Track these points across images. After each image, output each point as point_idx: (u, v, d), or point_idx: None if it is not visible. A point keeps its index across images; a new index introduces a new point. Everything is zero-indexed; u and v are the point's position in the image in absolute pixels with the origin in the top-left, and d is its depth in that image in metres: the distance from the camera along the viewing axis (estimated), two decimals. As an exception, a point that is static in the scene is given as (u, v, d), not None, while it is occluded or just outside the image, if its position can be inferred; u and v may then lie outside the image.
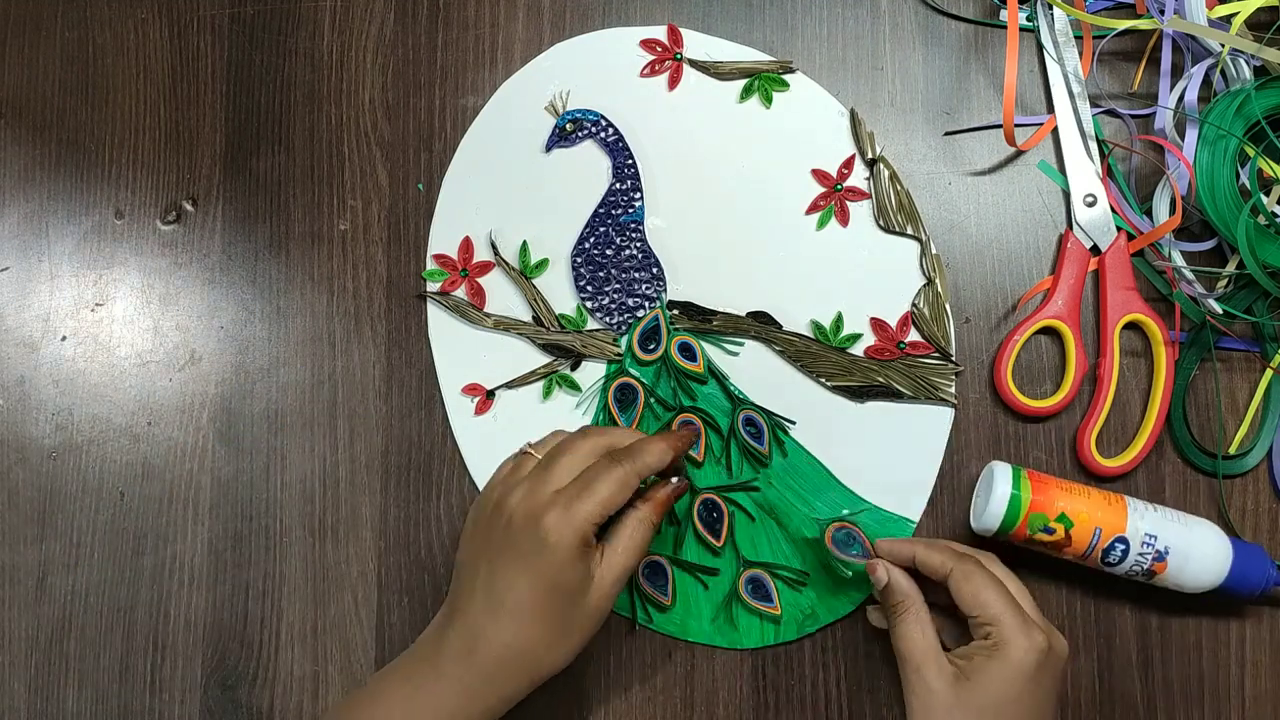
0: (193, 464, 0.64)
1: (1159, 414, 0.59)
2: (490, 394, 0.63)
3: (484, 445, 0.62)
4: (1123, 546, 0.55)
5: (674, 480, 0.54)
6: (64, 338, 0.65)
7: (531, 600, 0.50)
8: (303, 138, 0.65)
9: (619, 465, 0.51)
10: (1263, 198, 0.58)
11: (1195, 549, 0.54)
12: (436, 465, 0.62)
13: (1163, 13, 0.60)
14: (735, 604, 0.60)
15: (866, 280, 0.62)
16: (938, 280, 0.61)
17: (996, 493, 0.55)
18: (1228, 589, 0.55)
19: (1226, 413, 0.60)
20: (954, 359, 0.61)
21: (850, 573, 0.56)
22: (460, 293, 0.63)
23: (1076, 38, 0.62)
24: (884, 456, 0.60)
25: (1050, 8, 0.62)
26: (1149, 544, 0.54)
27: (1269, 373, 0.60)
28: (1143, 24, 0.61)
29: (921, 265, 0.61)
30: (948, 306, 0.61)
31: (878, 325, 0.61)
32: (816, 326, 0.61)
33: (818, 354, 0.61)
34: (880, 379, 0.61)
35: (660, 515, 0.53)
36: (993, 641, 0.50)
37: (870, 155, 0.62)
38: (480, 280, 0.63)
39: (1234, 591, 0.55)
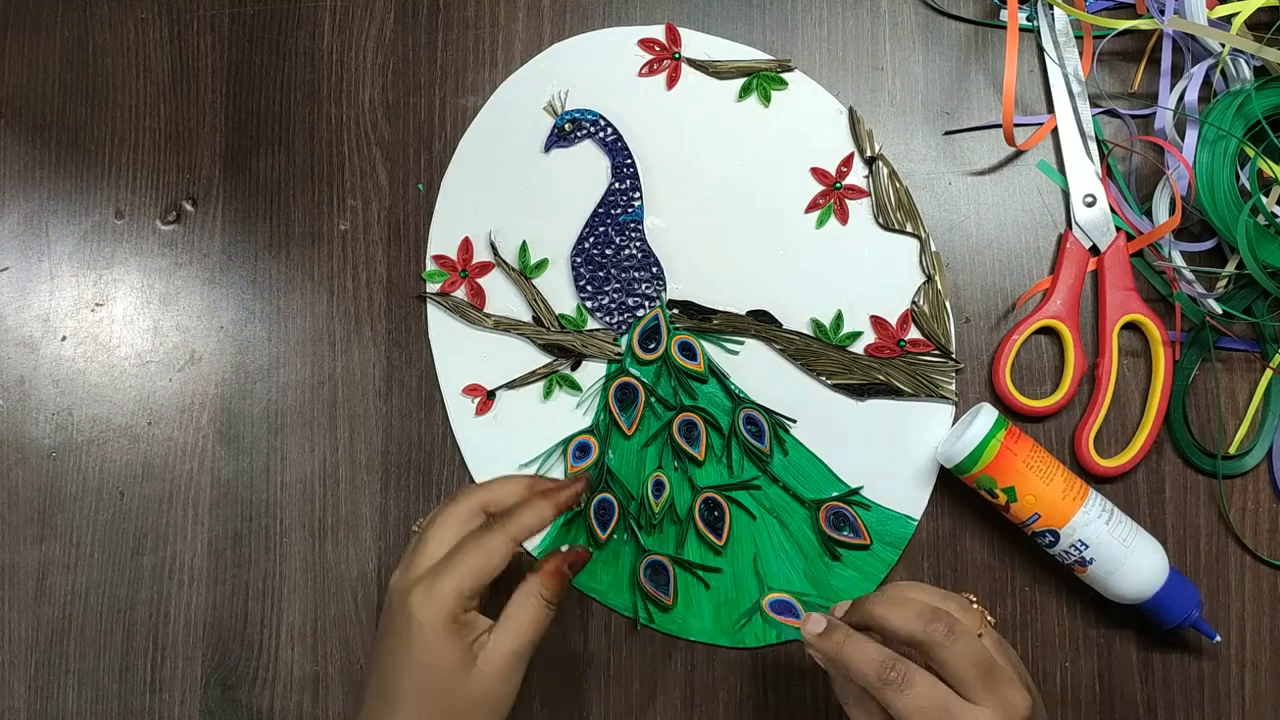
0: (193, 464, 0.64)
1: (1157, 414, 0.59)
2: (491, 394, 0.63)
3: (485, 446, 0.62)
4: (1052, 537, 0.56)
5: (564, 548, 0.51)
6: (64, 338, 0.65)
7: (410, 687, 0.47)
8: (303, 138, 0.65)
9: (490, 532, 0.48)
10: (1263, 198, 0.58)
11: (1123, 568, 0.55)
12: (436, 465, 0.62)
13: (1163, 13, 0.60)
14: (757, 617, 0.60)
15: (866, 278, 0.62)
16: (937, 277, 0.61)
17: (967, 436, 0.56)
18: (1146, 611, 0.56)
19: (1226, 413, 0.60)
20: (954, 356, 0.61)
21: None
22: (460, 293, 0.63)
23: (1076, 38, 0.62)
24: (885, 454, 0.60)
25: (1050, 8, 0.62)
26: (1077, 548, 0.56)
27: (1269, 373, 0.60)
28: (1143, 24, 0.61)
29: (921, 263, 0.61)
30: (947, 304, 0.61)
31: (878, 323, 0.61)
32: (817, 325, 0.62)
33: (818, 352, 0.61)
34: (880, 377, 0.61)
35: (554, 588, 0.49)
36: None
37: (869, 153, 0.62)
38: (480, 281, 0.63)
39: (1151, 616, 0.56)
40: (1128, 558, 0.55)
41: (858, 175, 0.62)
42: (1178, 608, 0.56)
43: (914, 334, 0.61)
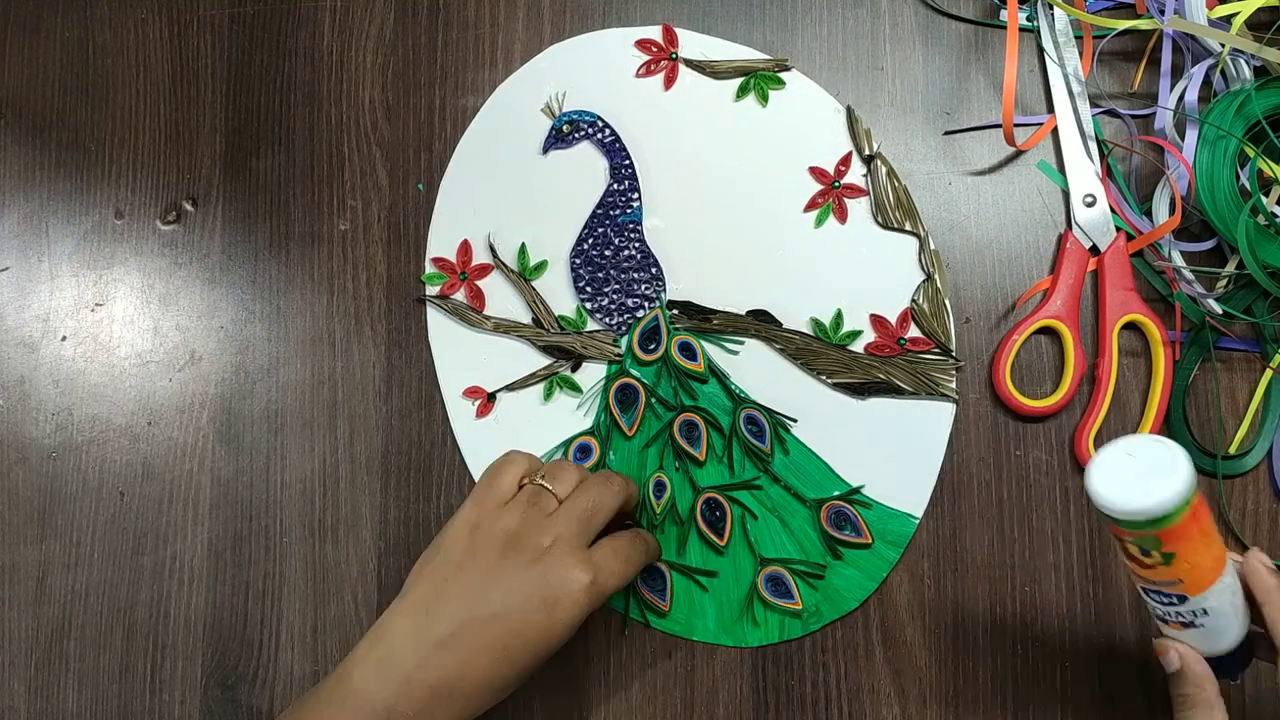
0: (193, 464, 0.64)
1: (1157, 414, 0.59)
2: (491, 396, 0.62)
3: (486, 448, 0.62)
4: (1177, 600, 0.46)
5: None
6: (64, 338, 0.65)
7: (515, 647, 0.49)
8: (303, 138, 0.65)
9: (644, 542, 0.53)
10: (1263, 198, 0.58)
11: (1226, 640, 0.47)
12: (436, 465, 0.62)
13: (1163, 13, 0.60)
14: (756, 602, 0.60)
15: (866, 277, 0.62)
16: (937, 275, 0.61)
17: (1160, 491, 0.43)
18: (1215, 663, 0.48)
19: (1226, 413, 0.60)
20: (954, 354, 0.61)
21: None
22: (459, 296, 0.63)
23: (1076, 38, 0.62)
24: (886, 453, 0.60)
25: (1050, 8, 0.62)
26: (1195, 614, 0.47)
27: (1269, 373, 0.60)
28: (1143, 24, 0.61)
29: (920, 261, 0.61)
30: (947, 301, 0.61)
31: (877, 322, 0.61)
32: (816, 324, 0.62)
33: (818, 351, 0.61)
34: (881, 375, 0.61)
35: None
36: None
37: (867, 152, 0.62)
38: (479, 283, 0.63)
39: (1220, 668, 0.48)
40: (1235, 625, 0.47)
41: (856, 174, 0.62)
42: (1244, 658, 0.48)
43: (914, 332, 0.61)
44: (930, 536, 0.60)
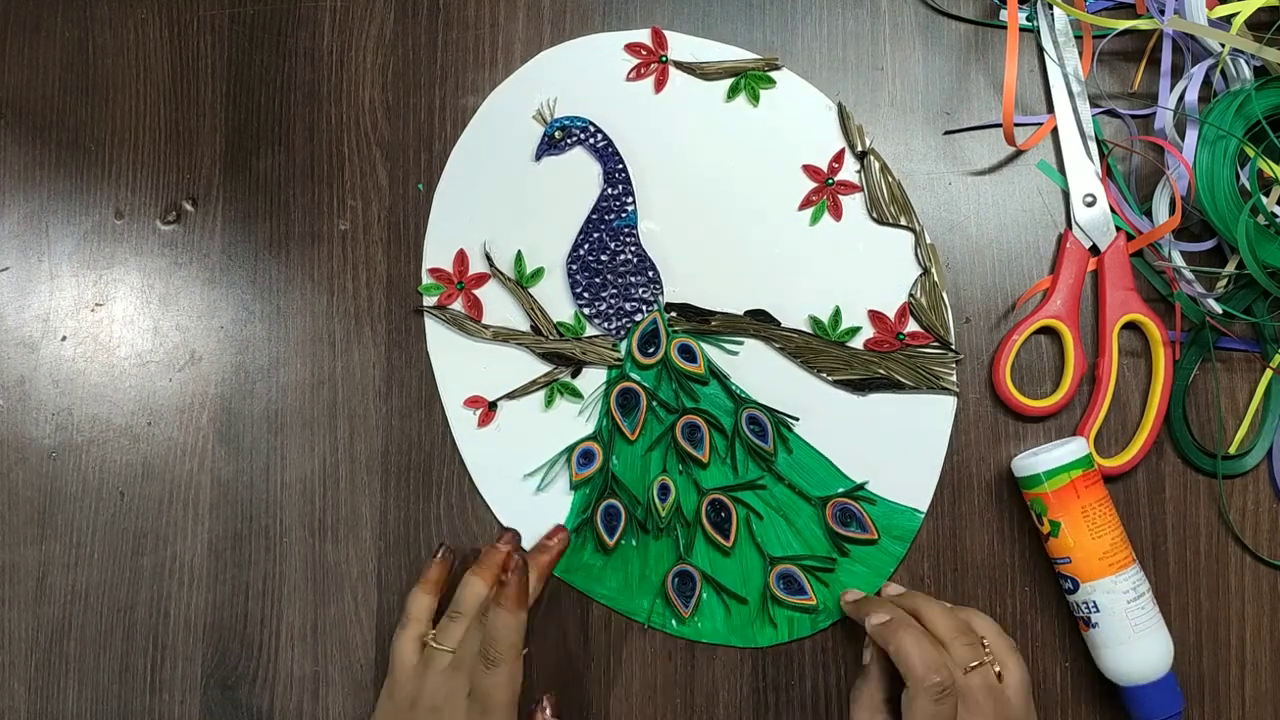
0: (193, 464, 0.64)
1: (1157, 414, 0.59)
2: (492, 405, 0.62)
3: (488, 457, 0.62)
4: (1072, 585, 0.57)
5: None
6: (64, 338, 0.65)
7: None
8: (303, 138, 0.65)
9: (507, 612, 0.53)
10: (1263, 198, 0.58)
11: (1120, 649, 0.56)
12: (436, 465, 0.62)
13: (1163, 13, 0.60)
14: (770, 603, 0.60)
15: (863, 273, 0.62)
16: (934, 269, 0.61)
17: (1046, 456, 0.56)
18: (1124, 695, 0.56)
19: (1226, 413, 0.60)
20: (953, 346, 0.61)
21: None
22: (457, 305, 0.63)
23: (1076, 38, 0.62)
24: (889, 448, 0.61)
25: (1050, 8, 0.62)
26: (1089, 606, 0.56)
27: (1269, 373, 0.60)
28: (1143, 24, 0.61)
29: (917, 255, 0.61)
30: (944, 295, 0.61)
31: (876, 317, 0.61)
32: (815, 322, 0.61)
33: (818, 349, 0.61)
34: (881, 371, 0.61)
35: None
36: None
37: (860, 148, 0.62)
38: (476, 292, 0.63)
39: (1127, 703, 0.56)
40: (1129, 640, 0.55)
41: (849, 170, 0.62)
42: (1154, 710, 0.56)
43: (912, 327, 0.61)
44: (930, 536, 0.60)
